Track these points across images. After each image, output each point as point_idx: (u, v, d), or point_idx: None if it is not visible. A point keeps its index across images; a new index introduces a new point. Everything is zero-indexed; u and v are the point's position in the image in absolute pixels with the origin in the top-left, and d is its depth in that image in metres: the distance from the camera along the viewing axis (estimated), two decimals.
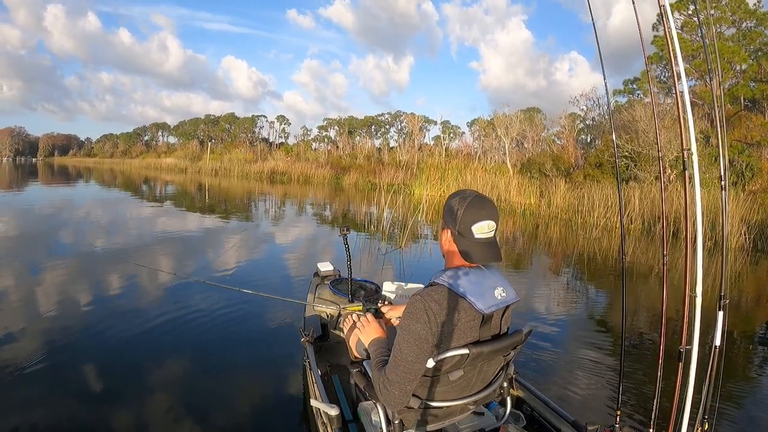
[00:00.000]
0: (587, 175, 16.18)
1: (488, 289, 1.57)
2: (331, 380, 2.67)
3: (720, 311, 1.68)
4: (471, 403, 1.70)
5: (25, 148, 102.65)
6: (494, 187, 16.07)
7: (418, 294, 1.55)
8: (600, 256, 8.69)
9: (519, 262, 8.31)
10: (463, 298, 1.52)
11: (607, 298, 6.26)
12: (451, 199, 1.63)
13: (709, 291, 5.97)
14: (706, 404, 1.76)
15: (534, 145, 25.52)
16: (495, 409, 1.99)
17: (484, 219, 1.56)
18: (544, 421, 2.09)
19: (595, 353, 4.20)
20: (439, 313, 1.50)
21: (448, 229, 1.61)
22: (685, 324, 1.67)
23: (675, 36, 1.49)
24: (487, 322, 1.58)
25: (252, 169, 32.72)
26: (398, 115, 48.94)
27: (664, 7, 1.47)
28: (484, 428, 1.85)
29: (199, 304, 5.04)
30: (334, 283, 3.44)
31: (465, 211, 1.55)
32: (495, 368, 1.72)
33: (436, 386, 1.60)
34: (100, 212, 13.76)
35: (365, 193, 19.97)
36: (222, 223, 11.97)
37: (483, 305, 1.53)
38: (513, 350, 1.70)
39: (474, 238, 1.56)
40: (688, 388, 1.66)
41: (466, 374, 1.62)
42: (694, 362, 1.64)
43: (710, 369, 1.75)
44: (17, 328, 4.30)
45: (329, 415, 1.99)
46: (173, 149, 57.70)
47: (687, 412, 1.68)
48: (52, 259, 7.21)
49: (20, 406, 3.00)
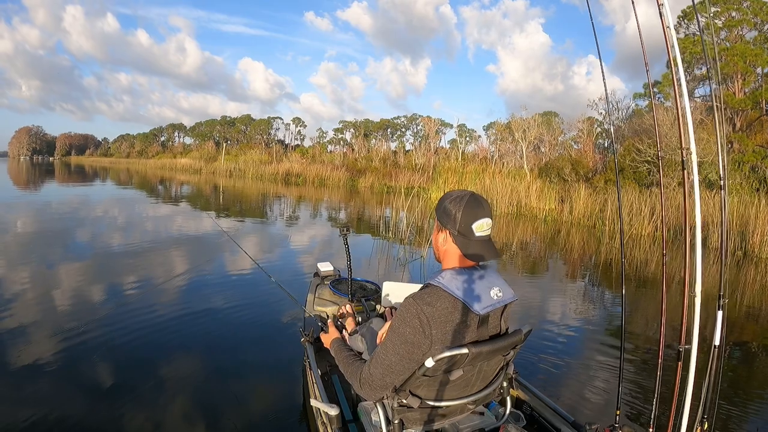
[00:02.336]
0: (608, 180, 16.01)
1: (484, 289, 1.59)
2: (331, 380, 2.68)
3: (719, 311, 1.70)
4: (471, 403, 1.72)
5: (43, 147, 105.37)
6: (514, 191, 15.81)
7: (411, 296, 1.57)
8: (619, 264, 8.55)
9: (535, 266, 8.28)
10: (457, 299, 1.54)
11: (620, 303, 6.21)
12: (446, 200, 1.65)
13: (738, 303, 5.93)
14: (706, 404, 1.77)
15: (551, 149, 25.35)
16: (495, 408, 2.00)
17: (482, 217, 1.59)
18: (544, 421, 2.11)
19: (595, 353, 4.23)
20: (432, 315, 1.52)
21: (445, 230, 1.64)
22: (684, 323, 1.69)
23: (674, 34, 1.52)
24: (485, 322, 1.61)
25: (266, 170, 32.95)
26: (414, 118, 49.12)
27: (662, 5, 1.51)
28: (484, 428, 1.87)
29: (200, 304, 5.14)
30: (334, 283, 3.47)
31: (464, 211, 1.58)
32: (495, 368, 1.74)
33: (436, 386, 1.62)
34: (116, 211, 14.08)
35: (381, 197, 19.99)
36: (237, 223, 12.17)
37: (478, 306, 1.55)
38: (512, 350, 1.72)
39: (475, 236, 1.59)
40: (688, 387, 1.68)
41: (466, 374, 1.64)
42: (693, 362, 1.66)
43: (710, 368, 1.77)
44: (32, 321, 4.46)
45: (329, 415, 2.01)
46: (189, 150, 58.55)
47: (686, 412, 1.70)
48: (69, 256, 7.48)
49: (31, 398, 3.10)
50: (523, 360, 3.89)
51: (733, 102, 17.27)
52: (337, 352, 1.91)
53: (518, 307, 5.53)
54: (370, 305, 2.95)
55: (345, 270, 3.34)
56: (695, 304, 1.66)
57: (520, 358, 3.88)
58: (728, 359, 4.13)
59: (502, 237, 11.03)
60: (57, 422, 2.85)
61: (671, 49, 1.58)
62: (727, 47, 17.92)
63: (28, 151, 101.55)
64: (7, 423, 2.82)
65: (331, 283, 3.48)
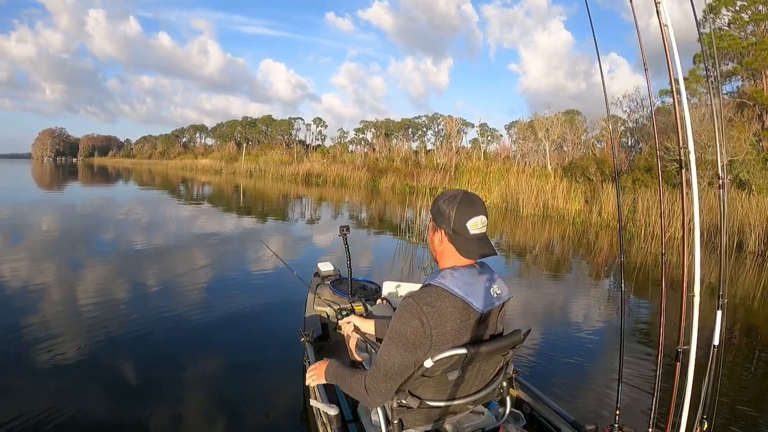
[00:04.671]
0: (636, 179, 15.73)
1: (484, 287, 1.62)
2: None
3: (719, 311, 1.72)
4: (470, 403, 1.73)
5: (66, 149, 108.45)
6: (540, 192, 15.55)
7: (411, 296, 1.58)
8: (643, 266, 8.43)
9: (559, 268, 8.25)
10: (458, 297, 1.55)
11: (646, 306, 6.15)
12: (440, 200, 1.69)
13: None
14: (705, 403, 1.79)
15: (574, 148, 25.06)
16: (494, 408, 2.02)
17: (476, 215, 1.62)
18: (544, 421, 2.13)
19: (595, 353, 4.26)
20: (432, 315, 1.53)
21: (440, 230, 1.66)
22: (682, 324, 1.71)
23: (670, 27, 1.54)
24: (484, 321, 1.63)
25: (287, 171, 33.25)
26: (435, 118, 49.11)
27: (659, 3, 1.53)
28: (484, 428, 1.88)
29: (200, 304, 5.24)
30: (334, 283, 3.53)
31: (458, 210, 1.61)
32: (494, 368, 1.76)
33: (436, 386, 1.63)
34: (140, 211, 14.46)
35: (403, 197, 20.01)
36: (258, 223, 12.40)
37: (479, 304, 1.57)
38: (512, 350, 1.74)
39: (470, 234, 1.61)
40: (687, 387, 1.69)
41: (465, 374, 1.65)
42: (692, 362, 1.68)
43: (709, 368, 1.78)
44: (56, 318, 4.64)
45: (329, 415, 2.04)
46: (210, 151, 59.53)
47: (686, 412, 1.71)
48: (93, 255, 7.75)
49: (53, 392, 3.22)
50: (523, 360, 3.92)
51: (762, 98, 16.74)
52: (335, 375, 1.87)
53: (520, 308, 5.59)
54: (370, 305, 2.98)
55: (346, 270, 3.38)
56: (694, 303, 1.68)
57: (520, 358, 3.91)
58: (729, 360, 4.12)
59: (528, 239, 10.97)
60: (54, 415, 2.94)
61: (669, 48, 1.61)
62: (754, 42, 17.40)
63: (51, 152, 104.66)
64: (17, 414, 2.94)
65: (332, 283, 3.53)
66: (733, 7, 17.94)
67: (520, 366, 3.67)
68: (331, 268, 3.77)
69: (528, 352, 4.10)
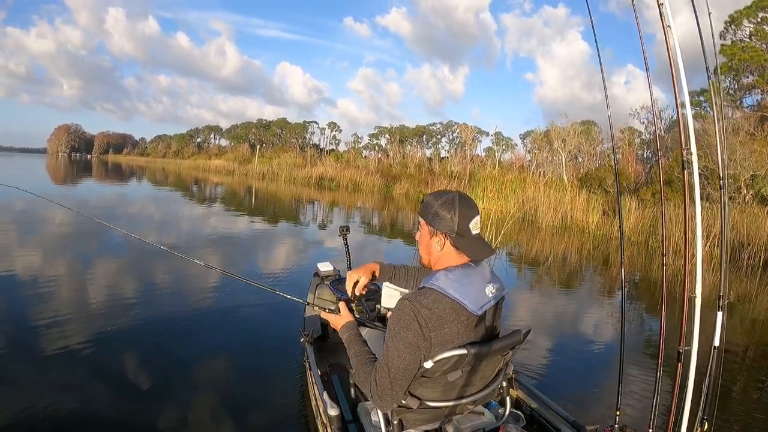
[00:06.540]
0: (656, 192, 15.58)
1: (479, 288, 1.64)
2: (330, 380, 2.75)
3: (719, 312, 1.74)
4: (470, 403, 1.75)
5: (81, 145, 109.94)
6: (560, 203, 15.31)
7: (407, 299, 1.59)
8: (662, 283, 8.31)
9: (570, 280, 8.22)
10: (454, 300, 1.58)
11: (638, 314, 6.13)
12: (434, 204, 1.69)
13: None
14: (706, 404, 1.81)
15: (589, 159, 24.92)
16: (494, 409, 2.05)
17: (475, 215, 1.67)
18: (544, 421, 2.15)
19: (595, 353, 4.29)
20: (429, 318, 1.55)
21: (440, 234, 1.67)
22: (683, 325, 1.74)
23: (675, 35, 1.59)
24: (481, 321, 1.65)
25: (300, 174, 33.39)
26: (450, 125, 49.04)
27: (662, 4, 1.57)
28: (484, 428, 1.90)
29: (199, 304, 5.32)
30: (334, 283, 3.54)
31: (459, 213, 1.64)
32: (494, 368, 1.78)
33: (435, 386, 1.66)
34: (153, 209, 14.67)
35: (416, 204, 19.91)
36: (268, 226, 12.53)
37: (474, 306, 1.59)
38: (512, 350, 1.76)
39: (472, 235, 1.66)
40: (688, 388, 1.71)
41: (465, 374, 1.67)
42: (693, 363, 1.70)
43: (709, 369, 1.80)
44: (65, 313, 4.73)
45: (329, 415, 2.09)
46: (224, 152, 59.97)
47: (686, 413, 1.73)
48: (102, 252, 7.96)
49: (58, 387, 3.30)
50: (523, 360, 3.93)
51: None
52: (350, 343, 1.84)
53: (523, 309, 5.65)
54: (370, 305, 3.01)
55: (345, 270, 3.40)
56: (695, 305, 1.70)
57: (520, 358, 3.92)
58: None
59: (546, 250, 10.91)
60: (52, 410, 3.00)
61: (672, 52, 1.65)
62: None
63: (66, 148, 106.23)
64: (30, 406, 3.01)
65: (331, 283, 3.55)
66: (755, 19, 17.79)
67: (520, 366, 3.68)
68: (330, 268, 3.79)
69: (528, 353, 4.11)
